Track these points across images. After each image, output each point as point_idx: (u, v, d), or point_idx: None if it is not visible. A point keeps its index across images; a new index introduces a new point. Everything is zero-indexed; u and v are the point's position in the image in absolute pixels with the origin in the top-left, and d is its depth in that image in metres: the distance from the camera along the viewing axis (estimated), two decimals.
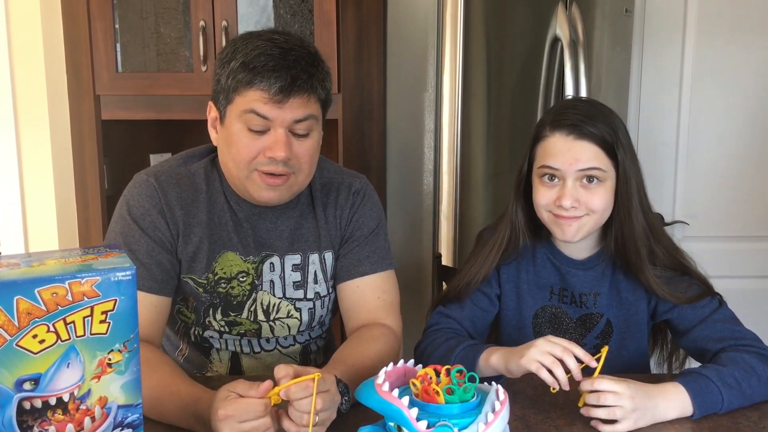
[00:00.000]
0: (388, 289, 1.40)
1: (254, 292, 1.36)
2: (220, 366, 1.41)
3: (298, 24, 2.10)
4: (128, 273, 0.86)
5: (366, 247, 1.39)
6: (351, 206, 1.40)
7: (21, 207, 2.16)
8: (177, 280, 1.32)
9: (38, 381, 0.83)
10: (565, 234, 1.31)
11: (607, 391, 1.08)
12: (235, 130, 1.24)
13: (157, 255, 1.28)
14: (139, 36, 2.16)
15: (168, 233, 1.30)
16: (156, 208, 1.29)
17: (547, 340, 1.13)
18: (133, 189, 1.32)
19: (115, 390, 0.88)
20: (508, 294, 1.43)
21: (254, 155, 1.24)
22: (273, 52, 1.21)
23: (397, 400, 0.98)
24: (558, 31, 2.05)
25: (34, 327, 0.82)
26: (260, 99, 1.20)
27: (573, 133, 1.28)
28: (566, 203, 1.27)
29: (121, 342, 0.88)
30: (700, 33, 2.41)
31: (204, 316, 1.36)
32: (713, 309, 1.31)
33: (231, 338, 1.39)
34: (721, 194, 2.49)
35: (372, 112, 2.15)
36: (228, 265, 1.34)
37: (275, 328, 1.39)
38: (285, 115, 1.22)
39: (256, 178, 1.26)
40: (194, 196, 1.33)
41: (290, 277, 1.38)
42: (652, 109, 2.48)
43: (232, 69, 1.22)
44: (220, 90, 1.26)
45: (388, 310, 1.38)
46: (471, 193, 2.07)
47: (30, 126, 2.13)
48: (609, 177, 1.29)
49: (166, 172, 1.33)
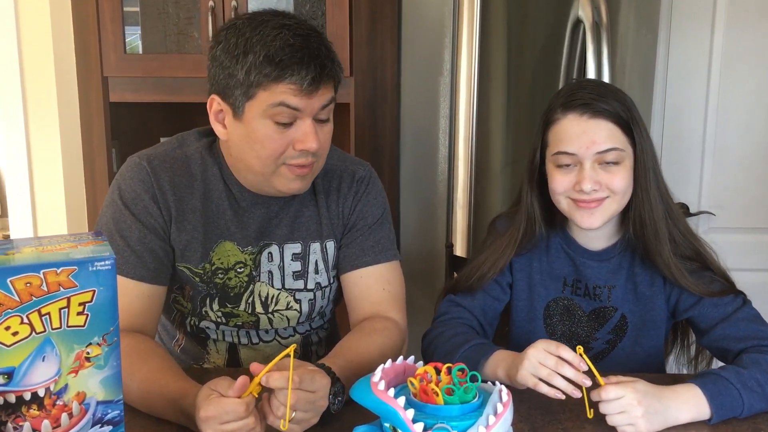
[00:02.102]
0: (393, 280, 1.35)
1: (252, 283, 1.32)
2: (217, 357, 1.37)
3: (310, 4, 2.05)
4: (107, 263, 0.82)
5: (370, 237, 1.34)
6: (354, 194, 1.35)
7: (30, 190, 2.15)
8: (171, 268, 1.28)
9: (11, 375, 0.80)
10: (585, 221, 1.25)
11: (614, 399, 1.03)
12: (260, 126, 1.18)
13: (149, 242, 1.23)
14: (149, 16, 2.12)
15: (161, 219, 1.25)
16: (148, 193, 1.24)
17: (538, 349, 1.07)
18: (125, 172, 1.27)
19: (94, 385, 0.85)
20: (520, 284, 1.38)
21: (283, 149, 1.19)
22: (295, 41, 1.15)
23: (392, 400, 0.93)
24: (580, 13, 1.98)
25: (6, 318, 0.78)
26: (290, 91, 1.15)
27: (587, 113, 1.22)
28: (587, 187, 1.21)
29: (100, 335, 0.84)
30: (731, 16, 2.31)
31: (201, 306, 1.32)
32: (736, 307, 1.25)
33: (228, 329, 1.35)
34: (749, 184, 2.40)
35: (385, 96, 2.10)
36: (225, 255, 1.29)
37: (274, 320, 1.35)
38: (314, 104, 1.18)
39: (284, 171, 1.21)
40: (188, 181, 1.28)
41: (290, 267, 1.33)
42: (678, 95, 2.39)
43: (252, 63, 1.14)
44: (234, 85, 1.17)
45: (393, 303, 1.34)
46: (486, 181, 2.01)
47: (38, 108, 2.12)
48: (627, 156, 1.23)
49: (159, 156, 1.28)
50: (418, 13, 2.05)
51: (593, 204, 1.23)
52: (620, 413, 1.03)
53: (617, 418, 1.03)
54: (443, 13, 2.01)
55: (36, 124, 2.13)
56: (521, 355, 1.10)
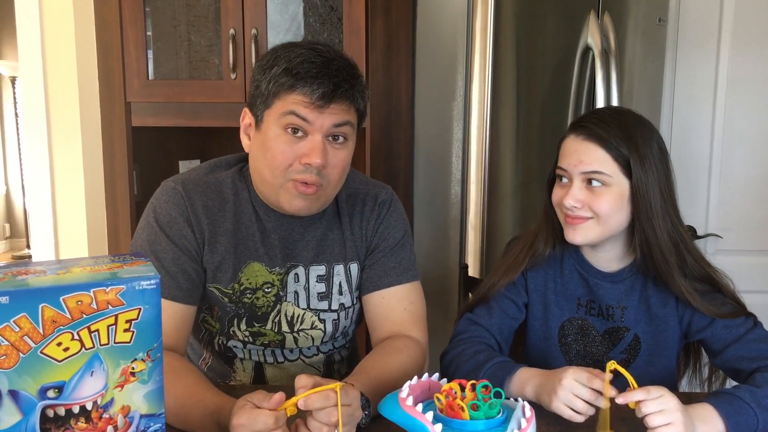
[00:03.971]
0: (415, 300, 1.39)
1: (279, 303, 1.36)
2: (243, 375, 1.40)
3: (327, 32, 2.11)
4: (153, 282, 0.86)
5: (392, 258, 1.38)
6: (377, 217, 1.39)
7: (52, 212, 2.19)
8: (202, 288, 1.32)
9: (62, 389, 0.83)
10: (569, 235, 1.32)
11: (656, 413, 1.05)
12: (272, 134, 1.23)
13: (183, 263, 1.28)
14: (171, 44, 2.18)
15: (194, 242, 1.29)
16: (183, 216, 1.29)
17: (570, 381, 1.10)
18: (160, 196, 1.32)
19: (138, 399, 0.88)
20: (535, 303, 1.42)
21: (290, 161, 1.23)
22: (316, 60, 1.22)
23: (421, 415, 0.96)
24: (590, 40, 2.03)
25: (58, 335, 0.82)
26: (301, 102, 1.21)
27: (581, 135, 1.29)
28: (567, 203, 1.28)
29: (144, 351, 0.87)
30: (735, 42, 2.37)
31: (228, 326, 1.35)
32: (748, 329, 1.28)
33: (255, 348, 1.38)
34: (756, 207, 2.43)
35: (400, 120, 2.15)
36: (254, 275, 1.33)
37: (299, 339, 1.38)
38: (324, 120, 1.22)
39: (290, 186, 1.25)
40: (221, 205, 1.32)
41: (314, 288, 1.37)
42: (685, 119, 2.43)
43: (273, 74, 1.22)
44: (258, 95, 1.25)
45: (415, 322, 1.37)
46: (499, 203, 2.05)
47: (62, 132, 2.17)
48: (615, 183, 1.27)
49: (193, 180, 1.33)
50: (432, 41, 2.10)
51: (577, 221, 1.30)
52: (660, 412, 1.04)
53: (657, 418, 1.04)
54: (456, 41, 2.06)
55: (59, 148, 2.18)
56: (551, 380, 1.13)
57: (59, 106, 2.16)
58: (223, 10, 2.03)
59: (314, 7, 2.12)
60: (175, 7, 2.16)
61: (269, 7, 2.05)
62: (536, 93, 2.07)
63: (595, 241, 1.32)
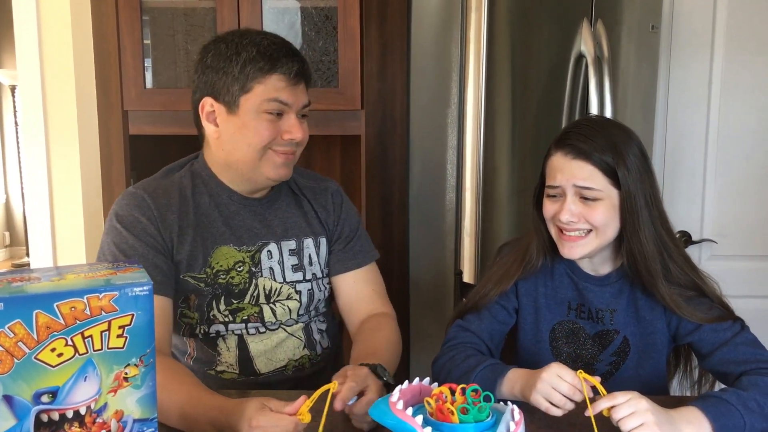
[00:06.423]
0: (378, 279, 1.57)
1: (254, 278, 1.43)
2: (228, 355, 1.44)
3: (323, 40, 2.12)
4: (146, 288, 0.88)
5: (357, 242, 1.55)
6: (335, 206, 1.55)
7: (50, 220, 2.20)
8: (174, 281, 1.37)
9: (56, 394, 0.85)
10: (567, 252, 1.34)
11: (628, 416, 1.06)
12: (253, 116, 1.36)
13: (152, 258, 1.33)
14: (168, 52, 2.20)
15: (161, 239, 1.36)
16: (145, 216, 1.36)
17: (551, 374, 1.12)
18: (121, 201, 1.39)
19: (131, 404, 0.90)
20: (526, 308, 1.44)
21: (272, 138, 1.37)
22: (278, 41, 1.38)
23: (411, 419, 0.98)
24: (583, 48, 2.04)
25: (52, 340, 0.84)
26: (280, 84, 1.35)
27: (570, 153, 1.30)
28: (564, 217, 1.30)
29: (137, 356, 0.89)
30: (728, 49, 2.38)
31: (208, 310, 1.41)
32: (735, 332, 1.29)
33: (236, 326, 1.44)
34: (750, 212, 2.44)
35: (395, 128, 2.16)
36: (224, 258, 1.41)
37: (276, 311, 1.45)
38: (298, 99, 1.39)
39: (272, 156, 1.39)
40: (181, 201, 1.41)
41: (288, 261, 1.47)
42: (679, 126, 2.44)
43: (246, 59, 1.34)
44: (230, 82, 1.35)
45: (382, 299, 1.55)
46: (493, 209, 2.06)
47: (60, 140, 2.18)
48: (606, 196, 1.29)
49: (152, 185, 1.42)
50: (427, 49, 2.12)
51: (574, 239, 1.32)
52: (632, 414, 1.05)
53: (630, 421, 1.05)
54: (450, 49, 2.08)
55: (57, 156, 2.19)
56: (535, 375, 1.15)
57: (57, 114, 2.18)
58: (219, 19, 2.05)
59: (309, 16, 2.13)
60: (172, 16, 2.17)
61: (265, 16, 2.07)
62: (530, 100, 2.09)
63: (593, 253, 1.34)
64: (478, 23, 1.98)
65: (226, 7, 2.04)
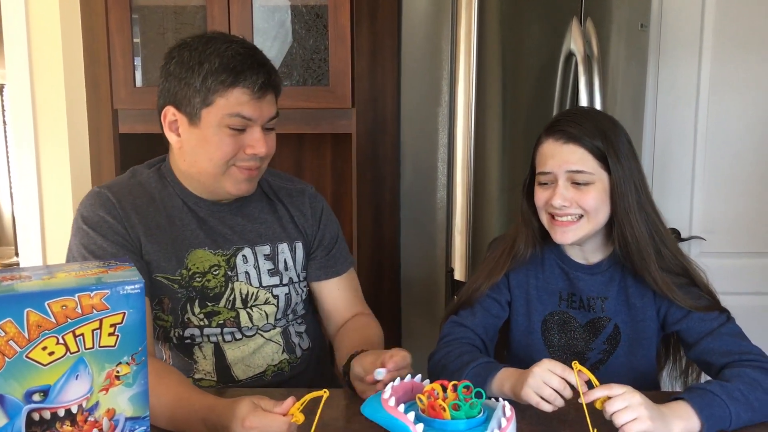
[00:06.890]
0: (357, 283, 1.59)
1: (230, 282, 1.41)
2: (205, 363, 1.42)
3: (313, 39, 2.12)
4: (137, 286, 0.88)
5: (338, 250, 1.54)
6: (314, 211, 1.53)
7: (39, 219, 2.19)
8: (148, 279, 1.35)
9: (47, 392, 0.85)
10: (559, 237, 1.35)
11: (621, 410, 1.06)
12: (216, 131, 1.31)
13: (121, 257, 1.31)
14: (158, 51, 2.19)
15: (128, 237, 1.34)
16: (111, 215, 1.33)
17: (543, 369, 1.12)
18: (86, 202, 1.37)
19: (123, 402, 0.89)
20: (518, 300, 1.45)
21: (235, 152, 1.33)
22: (244, 51, 1.31)
23: (403, 416, 0.98)
24: (572, 46, 2.05)
25: (43, 339, 0.83)
26: (243, 99, 1.29)
27: (561, 138, 1.32)
28: (556, 202, 1.32)
29: (129, 354, 0.89)
30: (717, 47, 2.40)
31: (182, 314, 1.39)
32: (721, 323, 1.31)
33: (212, 331, 1.41)
34: (739, 210, 2.46)
35: (386, 126, 2.16)
36: (200, 261, 1.39)
37: (253, 315, 1.43)
38: (263, 113, 1.33)
39: (234, 172, 1.35)
40: (149, 202, 1.38)
41: (264, 266, 1.45)
42: (668, 123, 2.46)
43: (208, 71, 1.28)
44: (191, 94, 1.30)
45: (362, 302, 1.58)
46: (484, 207, 2.07)
47: (49, 139, 2.17)
48: (598, 179, 1.32)
49: (117, 185, 1.40)
50: (418, 47, 2.12)
51: (566, 224, 1.33)
52: (626, 408, 1.05)
53: (623, 414, 1.05)
54: (441, 48, 2.08)
55: (46, 155, 2.18)
56: (526, 372, 1.15)
57: (46, 113, 2.17)
58: (209, 17, 2.04)
59: (300, 15, 2.13)
60: (162, 14, 2.16)
61: (255, 15, 2.06)
62: (520, 98, 2.09)
63: (585, 238, 1.36)
64: (469, 22, 1.99)
65: (216, 5, 2.03)
